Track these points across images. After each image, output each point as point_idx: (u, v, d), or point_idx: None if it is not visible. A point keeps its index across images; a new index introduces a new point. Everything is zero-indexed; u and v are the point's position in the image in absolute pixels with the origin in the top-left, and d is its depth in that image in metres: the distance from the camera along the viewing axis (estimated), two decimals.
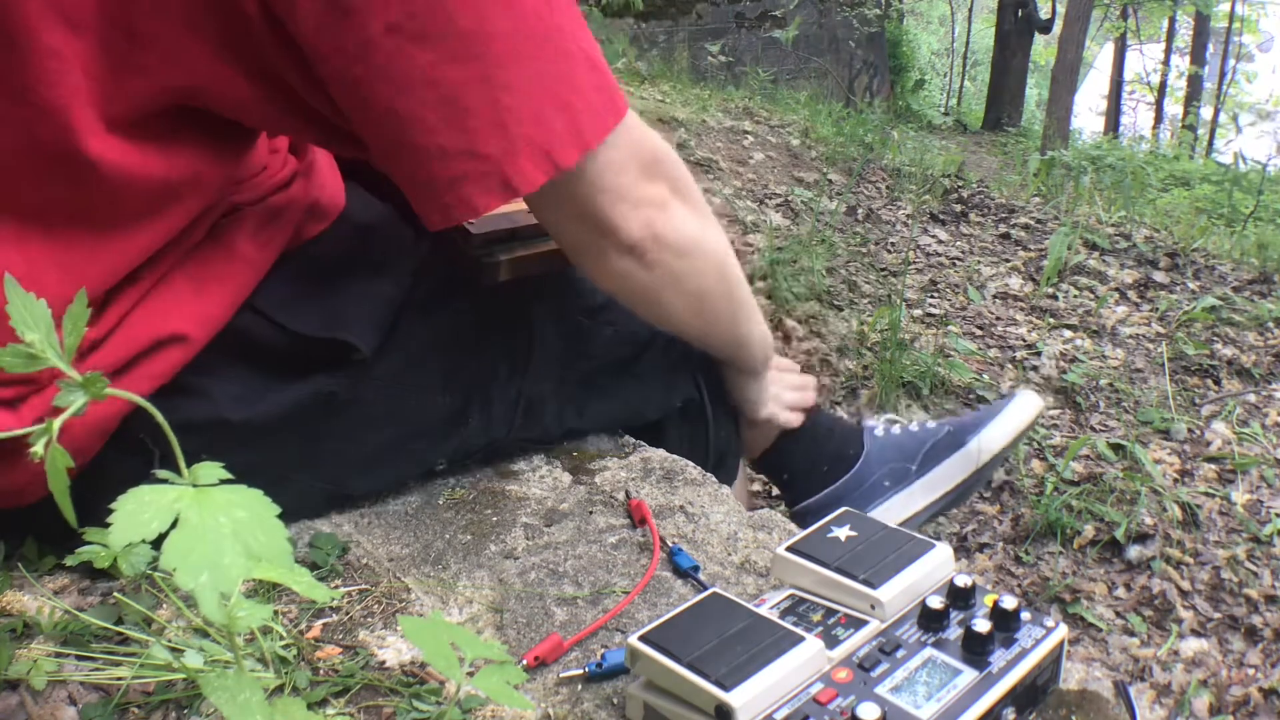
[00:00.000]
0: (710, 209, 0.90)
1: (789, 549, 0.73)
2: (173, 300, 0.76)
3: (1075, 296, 2.70)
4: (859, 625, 0.66)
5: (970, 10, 16.27)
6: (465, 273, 0.91)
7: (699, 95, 4.34)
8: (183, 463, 0.46)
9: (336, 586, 0.79)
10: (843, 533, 0.73)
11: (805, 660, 0.60)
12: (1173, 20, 14.21)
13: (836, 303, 2.44)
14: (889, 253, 2.87)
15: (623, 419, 1.08)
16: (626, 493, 0.94)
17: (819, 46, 8.66)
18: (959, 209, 3.31)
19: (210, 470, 0.46)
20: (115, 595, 0.73)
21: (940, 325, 2.47)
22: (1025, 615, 0.65)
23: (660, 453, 1.03)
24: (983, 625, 0.62)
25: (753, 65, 6.95)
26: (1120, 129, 13.86)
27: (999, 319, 2.57)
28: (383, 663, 0.69)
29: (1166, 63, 14.28)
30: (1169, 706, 1.48)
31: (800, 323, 2.31)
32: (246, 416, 0.80)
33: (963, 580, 0.67)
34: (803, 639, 0.61)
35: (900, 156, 3.87)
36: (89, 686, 0.65)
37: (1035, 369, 2.33)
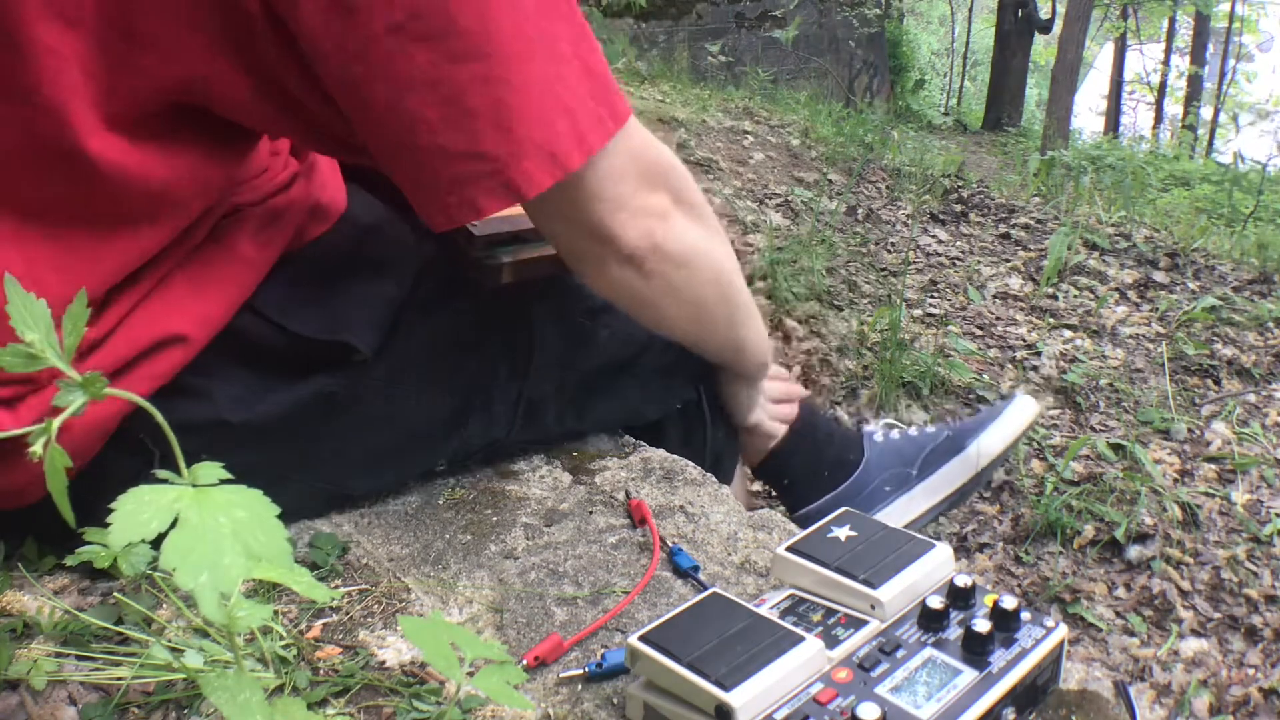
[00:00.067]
0: (716, 219, 0.89)
1: (789, 549, 0.73)
2: (173, 301, 0.76)
3: (1075, 296, 2.70)
4: (859, 625, 0.66)
5: (970, 10, 16.26)
6: (467, 274, 0.91)
7: (699, 95, 4.34)
8: (182, 463, 0.46)
9: (336, 586, 0.79)
10: (843, 533, 0.73)
11: (805, 660, 0.60)
12: (1173, 20, 14.21)
13: (836, 303, 2.44)
14: (889, 253, 2.87)
15: (623, 419, 1.08)
16: (626, 493, 0.94)
17: (819, 46, 8.65)
18: (959, 209, 3.31)
19: (210, 470, 0.46)
20: (115, 595, 0.73)
21: (940, 325, 2.47)
22: (1025, 615, 0.65)
23: (660, 453, 1.03)
24: (983, 625, 0.62)
25: (753, 65, 6.94)
26: (1120, 129, 13.86)
27: (999, 319, 2.57)
28: (383, 663, 0.69)
29: (1166, 63, 14.28)
30: (1169, 706, 1.48)
31: (800, 323, 2.31)
32: (246, 417, 0.80)
33: (963, 580, 0.67)
34: (803, 639, 0.61)
35: (900, 156, 3.86)
36: (89, 686, 0.65)
37: (1035, 369, 2.33)
